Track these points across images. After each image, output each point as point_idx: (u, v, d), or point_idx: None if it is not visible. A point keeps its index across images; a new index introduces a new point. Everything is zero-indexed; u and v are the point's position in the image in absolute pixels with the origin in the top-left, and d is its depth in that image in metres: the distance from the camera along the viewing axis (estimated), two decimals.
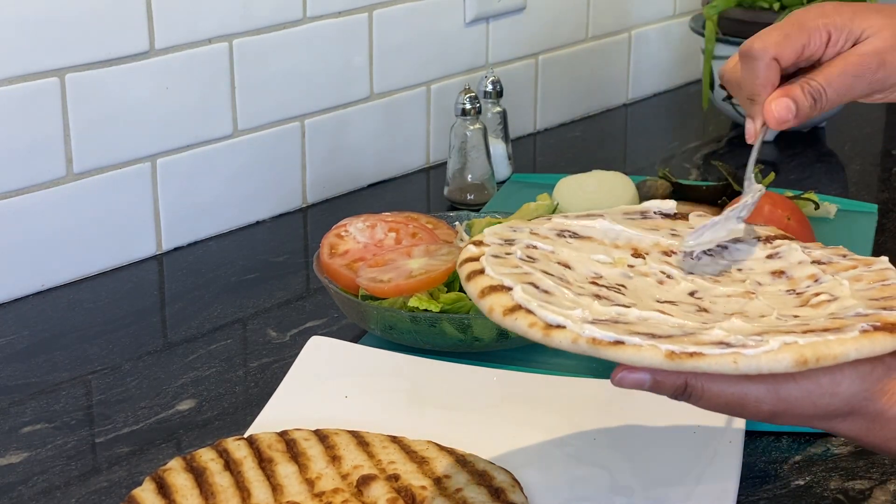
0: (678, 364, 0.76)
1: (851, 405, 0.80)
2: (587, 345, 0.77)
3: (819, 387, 0.80)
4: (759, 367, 0.76)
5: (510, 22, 1.79)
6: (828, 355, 0.76)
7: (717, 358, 0.76)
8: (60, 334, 1.26)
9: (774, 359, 0.76)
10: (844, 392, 0.80)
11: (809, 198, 1.48)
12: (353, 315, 1.20)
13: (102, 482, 1.01)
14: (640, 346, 0.77)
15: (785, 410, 0.80)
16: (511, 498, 0.93)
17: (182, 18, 1.40)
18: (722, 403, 0.80)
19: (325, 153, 1.59)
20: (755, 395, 0.80)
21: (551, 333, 0.78)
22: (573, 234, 0.93)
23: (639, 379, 0.79)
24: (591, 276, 0.88)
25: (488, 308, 0.81)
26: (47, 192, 1.33)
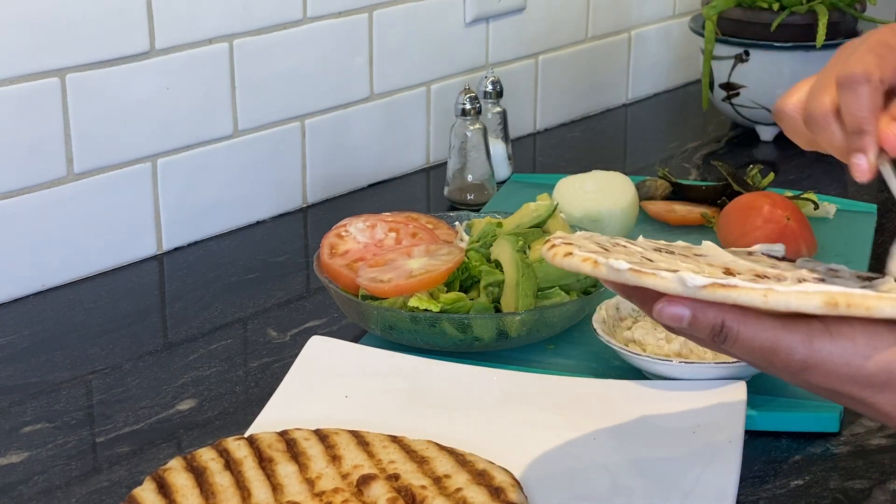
0: (710, 293, 0.76)
1: (888, 373, 0.77)
2: (630, 275, 0.78)
3: (855, 346, 0.77)
4: (788, 304, 0.75)
5: (510, 22, 1.79)
6: (860, 305, 0.75)
7: (749, 291, 0.75)
8: (60, 334, 1.26)
9: (805, 297, 0.75)
10: (881, 357, 0.77)
11: (809, 198, 1.48)
12: (353, 315, 1.20)
13: (103, 482, 1.02)
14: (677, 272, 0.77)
15: (817, 364, 0.78)
16: (511, 498, 0.93)
17: (182, 18, 1.40)
18: (756, 348, 0.78)
19: (325, 153, 1.59)
20: (788, 342, 0.78)
21: (599, 266, 0.79)
22: (668, 251, 0.90)
23: (678, 313, 0.78)
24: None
25: (552, 254, 0.82)
26: (47, 192, 1.33)
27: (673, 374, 1.09)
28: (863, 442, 1.06)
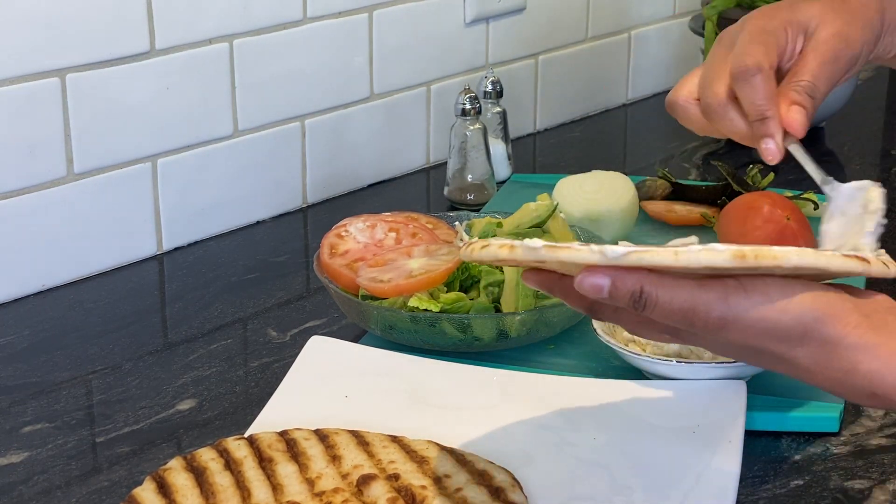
0: (626, 260, 0.76)
1: (805, 325, 0.77)
2: (546, 251, 0.78)
3: (769, 299, 0.77)
4: (699, 260, 0.76)
5: (510, 22, 1.79)
6: (767, 255, 0.75)
7: (661, 252, 0.76)
8: (60, 334, 1.26)
9: (713, 253, 0.75)
10: (795, 308, 0.77)
11: (809, 198, 1.48)
12: (353, 315, 1.20)
13: (103, 482, 1.02)
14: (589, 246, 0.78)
15: (735, 319, 0.77)
16: (511, 498, 0.93)
17: (182, 18, 1.40)
18: (675, 310, 0.78)
19: (325, 153, 1.59)
20: (705, 300, 0.77)
21: (515, 248, 0.79)
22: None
23: (598, 282, 0.78)
24: None
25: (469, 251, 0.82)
26: (47, 192, 1.33)
27: (673, 374, 1.09)
28: (863, 442, 1.06)
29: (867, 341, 0.77)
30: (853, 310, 0.78)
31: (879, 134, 1.91)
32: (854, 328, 0.77)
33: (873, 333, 0.77)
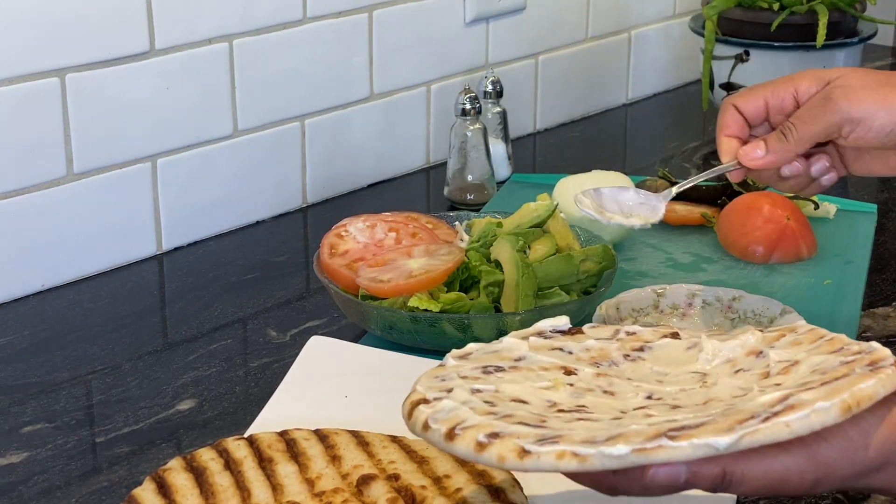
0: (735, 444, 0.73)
1: (884, 454, 0.79)
2: (635, 457, 0.73)
3: (851, 441, 0.79)
4: (812, 426, 0.75)
5: (510, 22, 1.79)
6: (864, 397, 0.76)
7: (772, 427, 0.74)
8: (60, 334, 1.26)
9: (824, 412, 0.75)
10: (875, 441, 0.79)
11: (809, 198, 1.48)
12: (353, 315, 1.20)
13: (102, 482, 1.02)
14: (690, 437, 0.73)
15: (826, 475, 0.79)
16: (511, 498, 0.93)
17: (182, 18, 1.40)
18: (766, 484, 0.78)
19: (325, 153, 1.59)
20: (797, 468, 0.78)
21: (588, 459, 0.74)
22: (498, 368, 0.88)
23: (675, 472, 0.75)
24: (549, 405, 0.83)
25: (497, 457, 0.76)
26: (47, 192, 1.33)
27: None
28: None
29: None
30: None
31: None
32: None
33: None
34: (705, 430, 0.73)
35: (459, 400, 0.82)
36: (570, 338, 0.93)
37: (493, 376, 0.87)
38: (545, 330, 0.94)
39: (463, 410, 0.80)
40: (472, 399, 0.82)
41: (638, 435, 0.74)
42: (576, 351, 0.91)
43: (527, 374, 0.87)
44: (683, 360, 0.90)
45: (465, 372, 0.87)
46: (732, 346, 0.89)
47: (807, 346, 0.86)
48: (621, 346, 0.91)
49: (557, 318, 0.95)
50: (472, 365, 0.89)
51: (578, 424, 0.78)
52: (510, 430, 0.77)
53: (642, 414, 0.80)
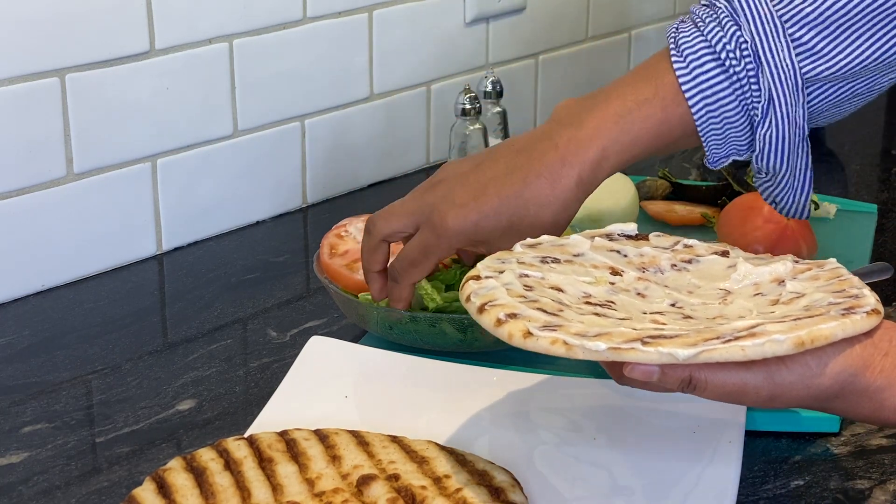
0: (698, 359, 0.83)
1: (840, 383, 0.87)
2: (610, 353, 0.84)
3: (809, 369, 0.87)
4: (764, 353, 0.84)
5: (510, 22, 1.79)
6: (819, 336, 0.85)
7: (730, 348, 0.83)
8: (60, 334, 1.26)
9: (777, 344, 0.84)
10: (831, 371, 0.87)
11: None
12: (353, 315, 1.20)
13: (102, 482, 1.02)
14: (659, 345, 0.84)
15: (781, 394, 0.87)
16: (511, 498, 0.93)
17: (182, 18, 1.40)
18: (724, 393, 0.87)
19: (325, 153, 1.59)
20: (754, 383, 0.86)
21: (572, 349, 0.85)
22: (554, 260, 0.99)
23: (648, 370, 0.86)
24: (583, 296, 0.94)
25: (507, 335, 0.87)
26: (47, 192, 1.33)
27: None
28: (863, 442, 1.06)
29: (889, 381, 0.88)
30: (874, 354, 0.88)
31: (879, 134, 1.91)
32: (879, 373, 0.88)
33: (894, 371, 0.88)
34: (675, 341, 0.84)
35: (503, 281, 0.93)
36: (633, 242, 1.03)
37: (546, 266, 0.97)
38: (613, 233, 1.04)
39: (499, 291, 0.91)
40: (513, 282, 0.93)
41: (620, 336, 0.85)
42: (630, 255, 1.00)
43: (577, 269, 0.98)
44: (719, 276, 0.98)
45: (524, 258, 0.98)
46: (762, 272, 0.97)
47: (822, 282, 0.94)
48: (673, 256, 1.01)
49: (627, 223, 1.05)
50: (535, 254, 0.99)
51: (589, 318, 0.89)
52: (526, 313, 0.88)
53: (650, 319, 0.90)
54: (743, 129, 1.09)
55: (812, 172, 1.12)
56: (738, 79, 1.07)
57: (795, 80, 1.06)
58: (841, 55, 1.06)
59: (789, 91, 1.06)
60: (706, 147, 1.11)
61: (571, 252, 1.00)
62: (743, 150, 1.11)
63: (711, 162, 1.13)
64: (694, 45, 1.08)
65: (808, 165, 1.11)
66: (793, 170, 1.10)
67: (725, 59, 1.07)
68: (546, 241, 1.02)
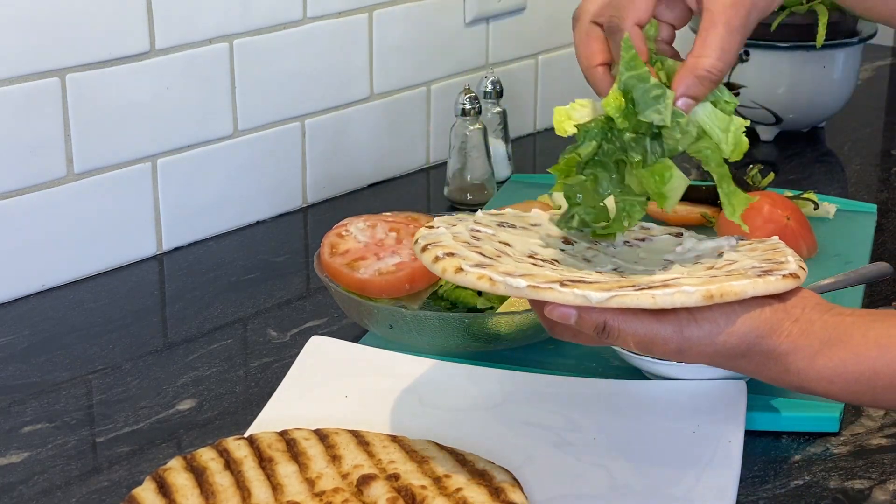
0: (610, 303, 0.87)
1: (747, 342, 0.90)
2: (529, 291, 0.88)
3: (717, 326, 0.89)
4: (674, 303, 0.87)
5: (510, 22, 1.79)
6: (729, 292, 0.87)
7: (640, 296, 0.87)
8: (60, 334, 1.26)
9: (687, 295, 0.87)
10: (738, 330, 0.89)
11: (809, 198, 1.48)
12: (353, 314, 1.20)
13: (103, 482, 1.02)
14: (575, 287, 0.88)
15: (689, 348, 0.90)
16: (511, 498, 0.93)
17: (182, 18, 1.40)
18: (636, 342, 0.90)
19: (325, 153, 1.59)
20: (663, 334, 0.89)
21: (496, 284, 0.89)
22: (510, 225, 1.02)
23: (565, 312, 0.90)
24: (529, 253, 0.97)
25: (441, 270, 0.91)
26: (47, 192, 1.33)
27: (673, 374, 1.09)
28: (863, 442, 1.06)
29: (794, 346, 0.90)
30: (784, 318, 0.90)
31: (879, 134, 1.91)
32: (786, 337, 0.90)
33: (800, 337, 0.90)
34: (592, 286, 0.88)
35: (453, 231, 0.97)
36: None
37: (501, 229, 1.01)
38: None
39: (446, 237, 0.96)
40: (462, 232, 0.98)
41: (543, 278, 0.89)
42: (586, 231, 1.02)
43: (531, 234, 1.01)
44: (666, 250, 1.02)
45: (481, 219, 1.02)
46: (706, 245, 1.01)
47: (758, 252, 0.97)
48: (628, 235, 1.04)
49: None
50: (493, 219, 1.03)
51: (523, 266, 0.92)
52: (463, 254, 0.93)
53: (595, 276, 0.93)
54: None
55: None
56: None
57: None
58: None
59: None
60: None
61: (529, 222, 1.03)
62: None
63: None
64: None
65: None
66: None
67: None
68: (509, 212, 1.05)
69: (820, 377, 0.90)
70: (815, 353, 0.89)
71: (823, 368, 0.89)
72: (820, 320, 0.90)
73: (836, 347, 0.89)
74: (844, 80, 1.79)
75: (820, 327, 0.90)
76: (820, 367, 0.89)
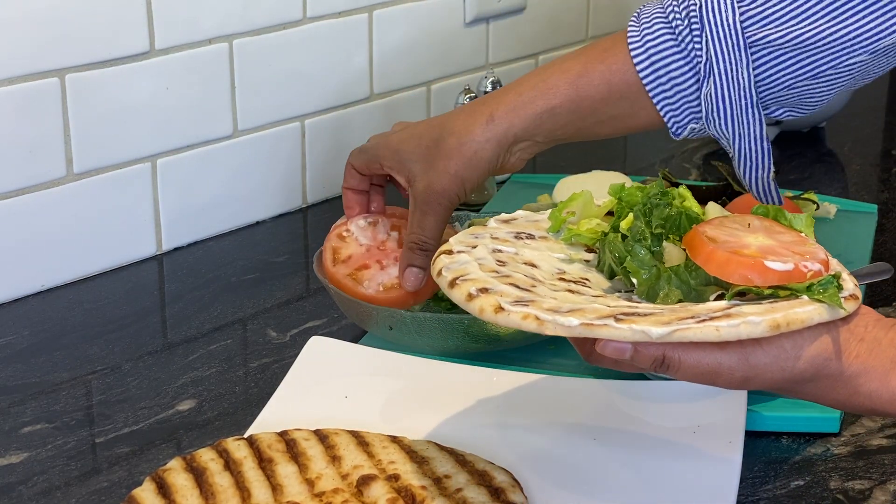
0: (671, 338, 0.82)
1: (815, 367, 0.87)
2: (583, 329, 0.82)
3: (784, 351, 0.86)
4: (739, 334, 0.83)
5: (510, 22, 1.79)
6: (795, 320, 0.84)
7: (704, 328, 0.82)
8: (60, 334, 1.26)
9: (753, 326, 0.83)
10: (807, 355, 0.86)
11: (809, 198, 1.48)
12: (353, 316, 1.20)
13: (102, 482, 1.02)
14: (632, 322, 0.83)
15: (755, 376, 0.87)
16: (511, 498, 0.93)
17: (182, 18, 1.40)
18: (698, 374, 0.86)
19: (325, 153, 1.59)
20: (728, 364, 0.86)
21: (545, 324, 0.83)
22: (529, 236, 0.99)
23: (621, 347, 0.85)
24: (557, 272, 0.94)
25: (478, 309, 0.86)
26: (47, 192, 1.33)
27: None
28: (863, 442, 1.06)
29: (865, 367, 0.87)
30: (850, 339, 0.88)
31: (879, 134, 1.91)
32: (855, 358, 0.87)
33: (869, 357, 0.87)
34: (649, 319, 0.83)
35: (475, 256, 0.93)
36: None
37: (521, 241, 0.98)
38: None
39: (472, 265, 0.91)
40: (486, 257, 0.93)
41: (594, 312, 0.84)
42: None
43: (552, 245, 0.98)
44: None
45: (498, 234, 0.98)
46: None
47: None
48: None
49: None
50: (509, 229, 1.00)
51: (562, 295, 0.88)
52: (498, 288, 0.87)
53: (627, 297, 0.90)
54: (691, 88, 1.11)
55: (769, 149, 1.13)
56: (682, 39, 1.10)
57: (737, 39, 1.08)
58: (789, 24, 1.07)
59: (729, 49, 1.08)
60: (660, 110, 1.14)
61: (545, 228, 1.00)
62: (697, 113, 1.13)
63: (674, 132, 1.16)
64: (650, 14, 1.12)
65: (763, 138, 1.12)
66: (745, 139, 1.12)
67: (673, 20, 1.10)
68: (521, 217, 1.02)
69: (894, 398, 0.87)
70: (886, 372, 0.87)
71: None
72: (886, 338, 0.88)
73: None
74: None
75: (888, 345, 0.88)
76: (894, 387, 0.87)
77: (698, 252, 0.89)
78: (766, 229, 0.92)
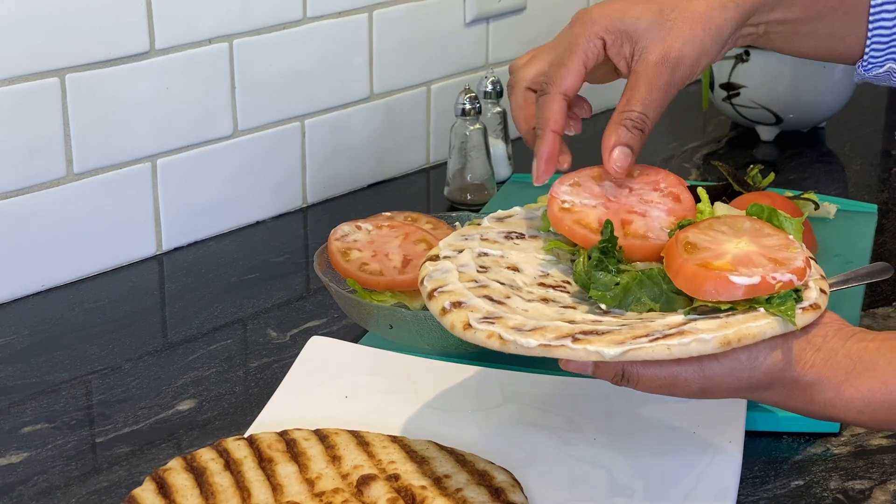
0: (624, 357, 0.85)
1: (771, 376, 0.89)
2: (541, 350, 0.86)
3: (739, 363, 0.88)
4: (690, 352, 0.85)
5: (510, 22, 1.79)
6: (747, 335, 0.86)
7: (655, 347, 0.85)
8: (60, 334, 1.26)
9: (704, 343, 0.85)
10: (762, 365, 0.88)
11: (809, 198, 1.48)
12: (353, 314, 1.20)
13: (102, 482, 1.02)
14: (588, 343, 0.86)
15: (712, 387, 0.89)
16: (511, 498, 0.93)
17: (182, 18, 1.40)
18: (656, 386, 0.89)
19: (325, 153, 1.59)
20: (684, 376, 0.88)
21: (506, 344, 0.87)
22: (519, 235, 1.01)
23: (581, 365, 0.89)
24: (539, 275, 0.96)
25: (450, 325, 0.89)
26: (47, 192, 1.33)
27: None
28: (863, 442, 1.06)
29: (819, 377, 0.89)
30: (806, 349, 0.89)
31: (879, 134, 1.91)
32: (810, 367, 0.89)
33: (824, 367, 0.89)
34: (604, 339, 0.86)
35: (458, 263, 0.95)
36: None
37: (510, 242, 0.99)
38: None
39: (452, 275, 0.93)
40: (469, 263, 0.95)
41: (554, 331, 0.87)
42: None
43: (539, 244, 0.99)
44: None
45: (488, 234, 1.00)
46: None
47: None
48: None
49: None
50: (501, 228, 1.01)
51: (533, 307, 0.91)
52: (471, 302, 0.90)
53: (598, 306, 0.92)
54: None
55: None
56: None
57: None
58: None
59: None
60: (870, 36, 1.09)
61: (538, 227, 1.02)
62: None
63: (864, 68, 1.10)
64: None
65: None
66: None
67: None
68: (517, 214, 1.03)
69: (848, 407, 0.88)
70: (840, 383, 0.88)
71: (851, 399, 0.88)
72: (843, 349, 0.89)
73: (863, 377, 0.88)
74: (844, 80, 1.78)
75: (843, 356, 0.88)
76: (847, 397, 0.88)
77: (671, 262, 0.91)
78: (755, 232, 0.93)
